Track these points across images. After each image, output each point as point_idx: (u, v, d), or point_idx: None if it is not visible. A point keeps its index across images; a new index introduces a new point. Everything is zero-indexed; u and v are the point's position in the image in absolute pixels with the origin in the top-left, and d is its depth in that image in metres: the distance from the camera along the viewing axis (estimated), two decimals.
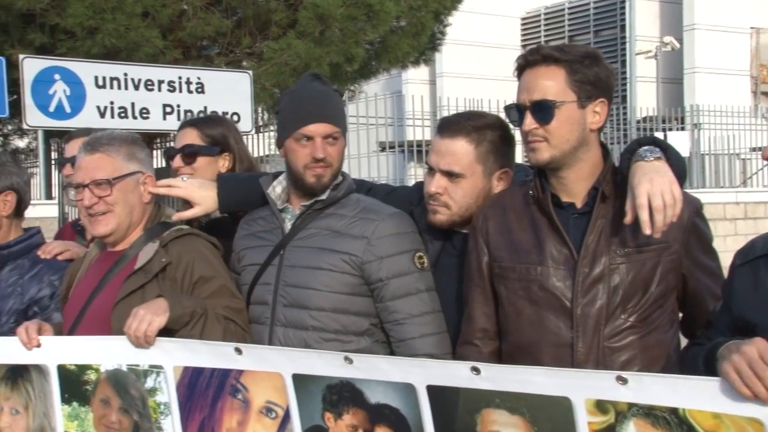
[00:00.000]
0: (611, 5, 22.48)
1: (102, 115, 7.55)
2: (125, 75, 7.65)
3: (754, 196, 13.47)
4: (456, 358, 2.35)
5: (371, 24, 9.79)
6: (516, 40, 23.70)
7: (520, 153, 2.62)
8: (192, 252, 2.49)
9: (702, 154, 14.89)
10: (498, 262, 2.31)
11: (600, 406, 1.75)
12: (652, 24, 22.19)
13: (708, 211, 2.39)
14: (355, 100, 12.65)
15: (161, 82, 7.81)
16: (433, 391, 1.91)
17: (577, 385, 1.77)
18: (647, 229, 2.03)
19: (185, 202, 2.72)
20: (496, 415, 1.85)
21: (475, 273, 2.37)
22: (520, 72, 2.25)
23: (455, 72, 21.71)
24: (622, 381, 1.72)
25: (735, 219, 12.68)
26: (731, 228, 12.47)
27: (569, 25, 23.32)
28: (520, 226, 2.29)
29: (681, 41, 21.24)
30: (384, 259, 2.42)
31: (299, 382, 2.07)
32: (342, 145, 2.54)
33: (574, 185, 2.25)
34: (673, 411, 1.68)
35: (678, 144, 6.75)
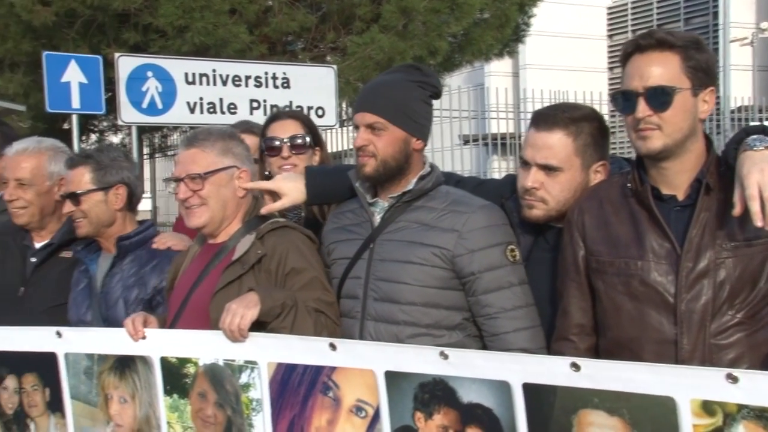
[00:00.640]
0: None
1: (192, 111, 7.71)
2: (214, 71, 7.79)
3: None
4: (550, 354, 2.30)
5: (455, 17, 9.70)
6: (602, 30, 23.14)
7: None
8: (286, 244, 2.51)
9: None
10: (595, 256, 2.26)
11: (707, 407, 1.68)
12: (747, 10, 21.29)
13: None
14: None
15: (248, 77, 7.92)
16: (529, 390, 1.87)
17: (683, 384, 1.70)
18: (759, 221, 1.93)
19: (272, 193, 2.74)
20: (593, 416, 1.80)
21: (571, 267, 2.31)
22: (627, 58, 2.17)
23: (539, 64, 21.34)
24: (732, 379, 1.64)
25: None
26: None
27: (658, 13, 22.62)
28: (617, 219, 2.22)
29: None
30: (475, 252, 2.39)
31: (391, 379, 2.05)
32: (390, 136, 2.46)
33: (675, 177, 2.17)
34: None
35: None
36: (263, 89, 8.01)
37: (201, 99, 7.76)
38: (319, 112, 7.87)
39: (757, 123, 2.59)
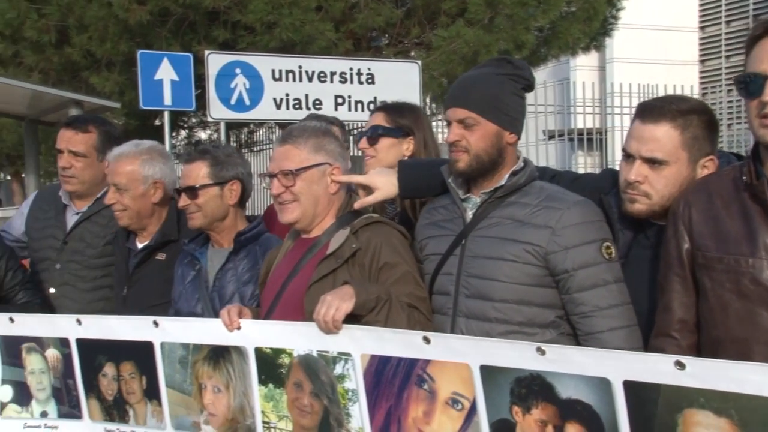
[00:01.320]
0: None
1: (278, 107, 7.84)
2: (300, 68, 7.91)
3: None
4: (650, 351, 2.23)
5: (541, 10, 9.59)
6: (693, 22, 22.42)
7: None
8: (379, 238, 2.52)
9: None
10: (702, 251, 2.16)
11: None
12: None
13: None
14: None
15: (333, 73, 8.01)
16: (631, 387, 1.81)
17: None
18: None
19: (365, 188, 2.74)
20: (700, 416, 1.73)
21: (675, 261, 2.23)
22: (754, 41, 2.04)
23: (626, 57, 20.82)
24: None
25: None
26: None
27: (754, 4, 21.76)
28: (728, 213, 2.12)
29: None
30: (569, 250, 2.34)
31: (487, 373, 2.03)
32: (482, 131, 2.43)
33: None
34: None
35: None
36: (348, 85, 8.09)
37: (287, 95, 7.88)
38: None
39: None
